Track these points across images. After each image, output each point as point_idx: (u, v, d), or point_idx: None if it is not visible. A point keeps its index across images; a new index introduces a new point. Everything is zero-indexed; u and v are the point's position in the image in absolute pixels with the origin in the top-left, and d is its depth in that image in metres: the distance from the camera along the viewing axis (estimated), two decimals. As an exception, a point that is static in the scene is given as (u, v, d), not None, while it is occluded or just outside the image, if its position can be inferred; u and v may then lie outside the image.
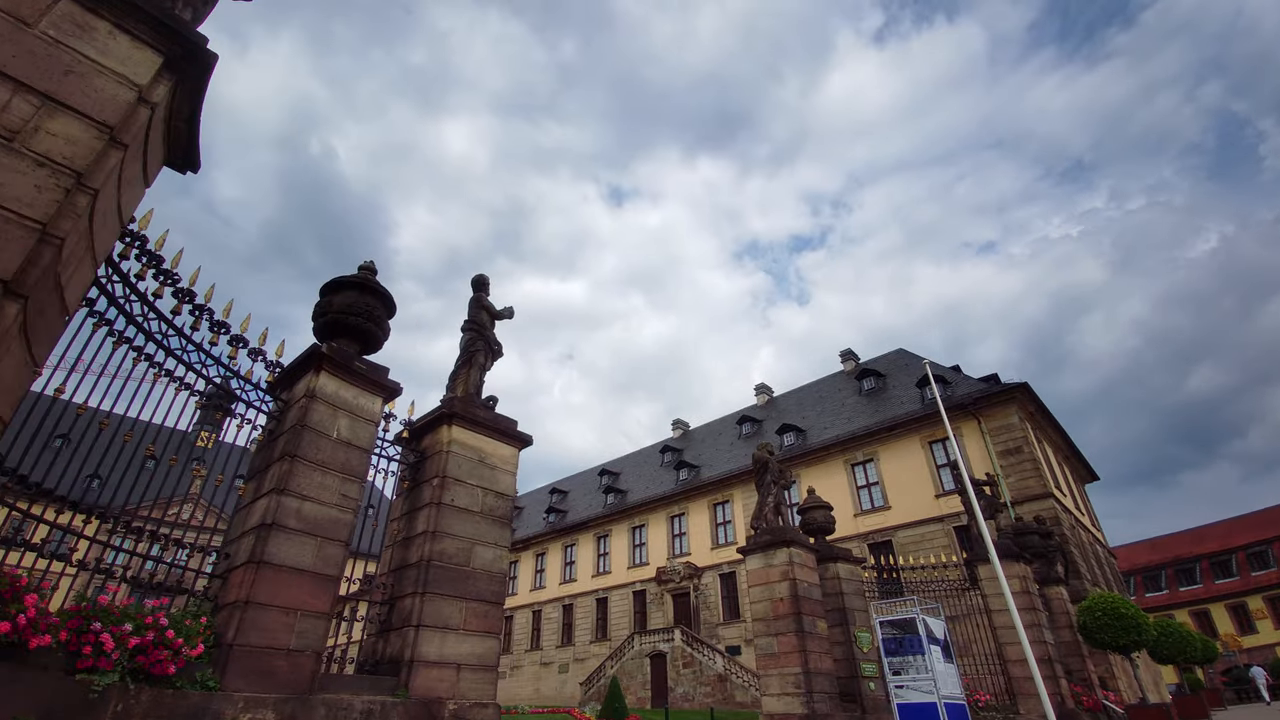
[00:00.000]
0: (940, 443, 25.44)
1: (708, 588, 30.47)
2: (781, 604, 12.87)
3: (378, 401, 7.29)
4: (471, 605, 7.30)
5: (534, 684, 36.24)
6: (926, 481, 25.07)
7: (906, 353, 33.47)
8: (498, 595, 7.64)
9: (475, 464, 8.10)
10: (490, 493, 8.11)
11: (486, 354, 9.43)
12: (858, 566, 15.20)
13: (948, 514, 23.97)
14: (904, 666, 10.81)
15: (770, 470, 14.76)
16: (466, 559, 7.48)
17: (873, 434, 27.13)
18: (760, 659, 12.81)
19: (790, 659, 12.35)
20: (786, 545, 13.30)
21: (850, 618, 14.19)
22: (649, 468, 40.88)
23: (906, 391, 29.06)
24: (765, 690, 12.47)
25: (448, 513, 7.53)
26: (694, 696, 25.93)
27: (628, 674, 28.68)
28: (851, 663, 13.76)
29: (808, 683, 11.99)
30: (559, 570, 38.71)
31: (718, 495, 32.02)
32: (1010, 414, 24.02)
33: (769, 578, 13.28)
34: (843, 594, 14.37)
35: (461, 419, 8.09)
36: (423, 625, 6.80)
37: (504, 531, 8.06)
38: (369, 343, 7.73)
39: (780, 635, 12.65)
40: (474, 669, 7.05)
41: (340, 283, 7.63)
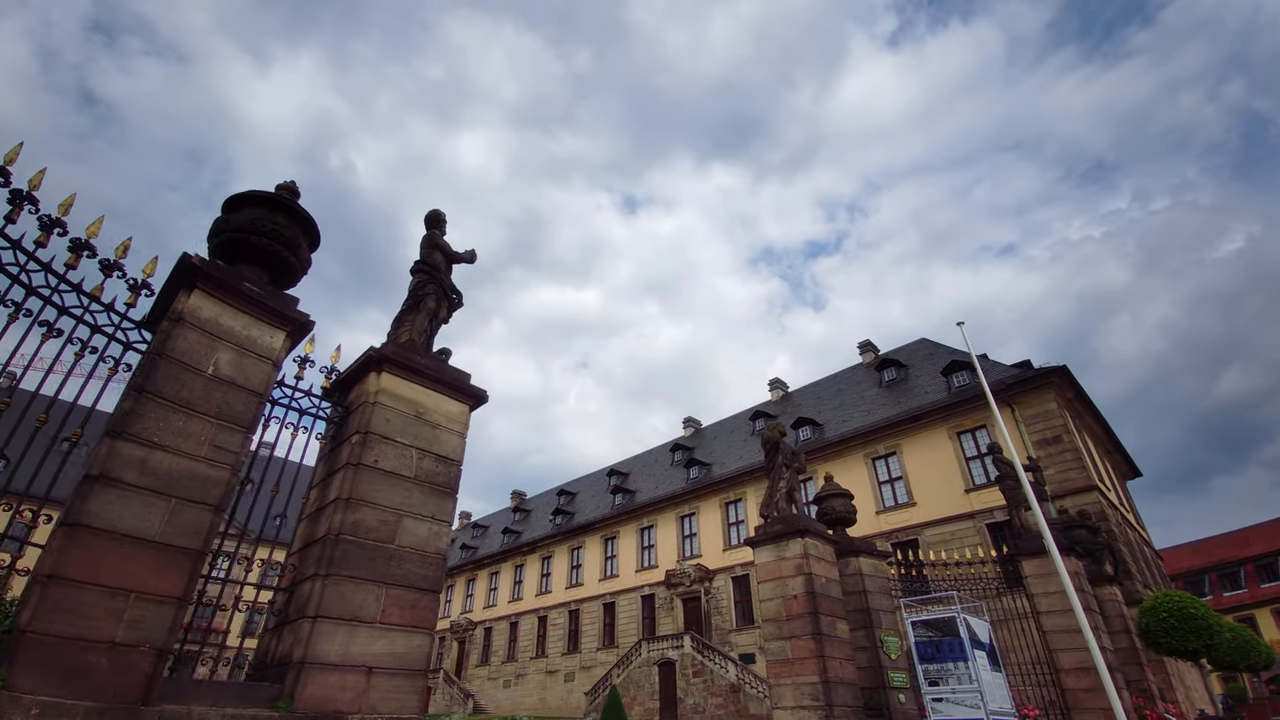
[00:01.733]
0: (970, 433, 23.50)
1: (719, 591, 28.66)
2: (795, 602, 11.17)
3: (278, 337, 5.81)
4: (394, 592, 5.76)
5: (539, 693, 34.58)
6: (955, 475, 23.11)
7: (930, 342, 31.51)
8: (432, 581, 6.09)
9: (410, 420, 6.58)
10: (429, 455, 6.58)
11: (440, 300, 7.94)
12: (883, 561, 13.44)
13: (979, 510, 22.01)
14: (943, 675, 9.07)
15: (782, 452, 13.08)
16: (390, 534, 5.95)
17: (895, 425, 25.24)
18: (771, 666, 11.10)
19: (806, 666, 10.63)
20: (801, 535, 11.60)
21: (875, 619, 12.42)
22: (659, 467, 39.18)
23: (931, 381, 27.13)
24: (778, 702, 10.76)
25: (368, 476, 6.02)
26: (705, 708, 24.12)
27: (635, 683, 26.94)
28: (877, 671, 11.99)
29: (827, 694, 10.27)
30: (565, 574, 37.09)
31: (730, 494, 30.24)
32: (1048, 400, 22.03)
33: (781, 572, 11.59)
34: (866, 592, 12.61)
35: (394, 365, 6.59)
36: (322, 616, 5.27)
37: (444, 503, 6.51)
38: (281, 273, 6.28)
39: (794, 638, 10.94)
40: (391, 674, 5.50)
41: (245, 198, 6.21)
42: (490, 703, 37.17)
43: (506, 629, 39.14)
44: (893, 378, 29.91)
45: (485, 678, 38.76)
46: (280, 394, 6.28)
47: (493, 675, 38.33)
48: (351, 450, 6.14)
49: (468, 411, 7.23)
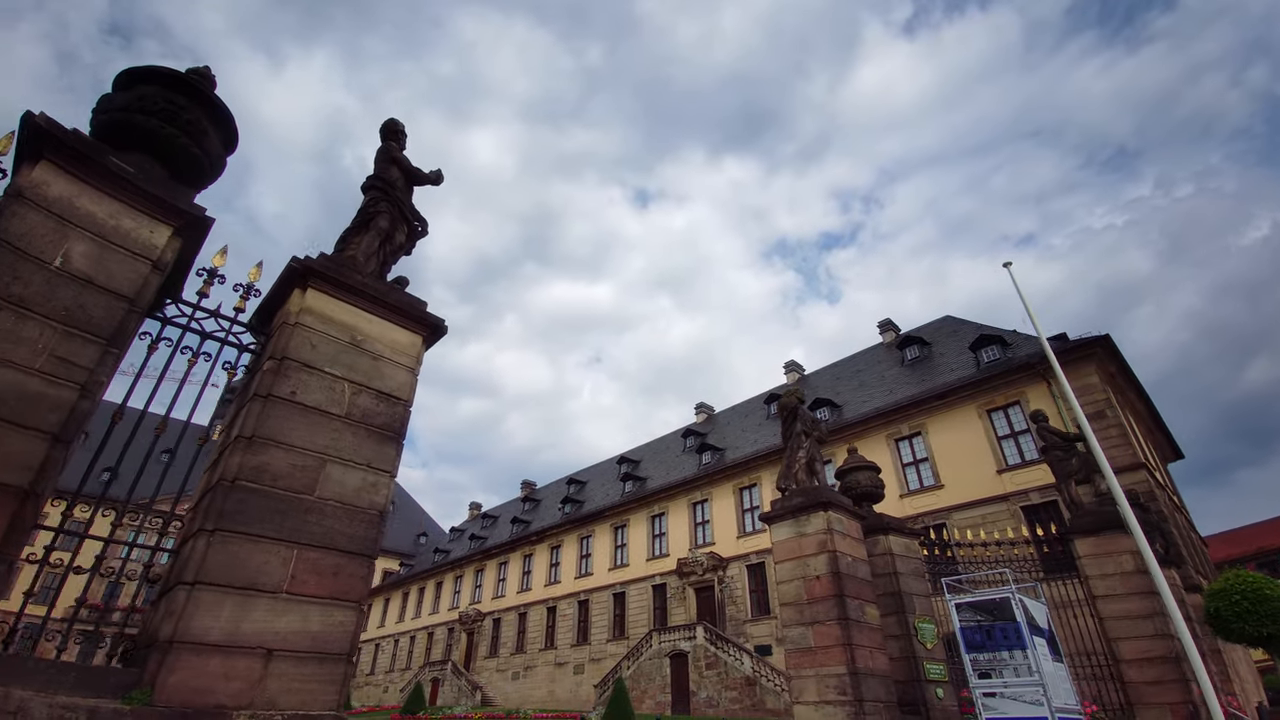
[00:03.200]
0: (1001, 411, 21.90)
1: (733, 580, 27.34)
2: (818, 584, 9.83)
3: (160, 232, 4.62)
4: (309, 555, 4.52)
5: (548, 685, 33.54)
6: (986, 455, 21.54)
7: (954, 319, 29.83)
8: (363, 543, 4.85)
9: (343, 348, 5.34)
10: (366, 391, 5.33)
11: (395, 222, 6.67)
12: (915, 540, 12.05)
13: (1014, 491, 20.45)
14: (995, 666, 7.69)
15: (801, 419, 11.72)
16: (309, 483, 4.71)
17: (919, 404, 23.70)
18: (791, 655, 9.78)
19: (831, 655, 9.30)
20: (824, 508, 10.25)
21: (908, 604, 11.05)
22: (670, 454, 37.88)
23: (957, 358, 25.51)
24: (798, 696, 9.44)
25: (282, 412, 4.79)
26: (719, 701, 22.86)
27: (645, 675, 25.74)
28: (911, 662, 10.63)
29: (855, 687, 8.93)
30: (575, 564, 35.98)
31: (744, 479, 28.87)
32: (1089, 373, 20.38)
33: (801, 550, 10.25)
34: (897, 574, 11.24)
35: (322, 280, 5.35)
36: (203, 583, 4.05)
37: (384, 449, 5.26)
38: (184, 166, 5.10)
39: (817, 624, 9.60)
40: (301, 658, 4.26)
41: (138, 73, 5.02)
42: (499, 695, 36.22)
43: (515, 620, 38.16)
44: (915, 356, 28.31)
45: (494, 669, 37.82)
46: (176, 312, 5.08)
47: (501, 667, 37.38)
48: (262, 380, 4.91)
49: (420, 344, 5.97)
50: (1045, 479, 19.97)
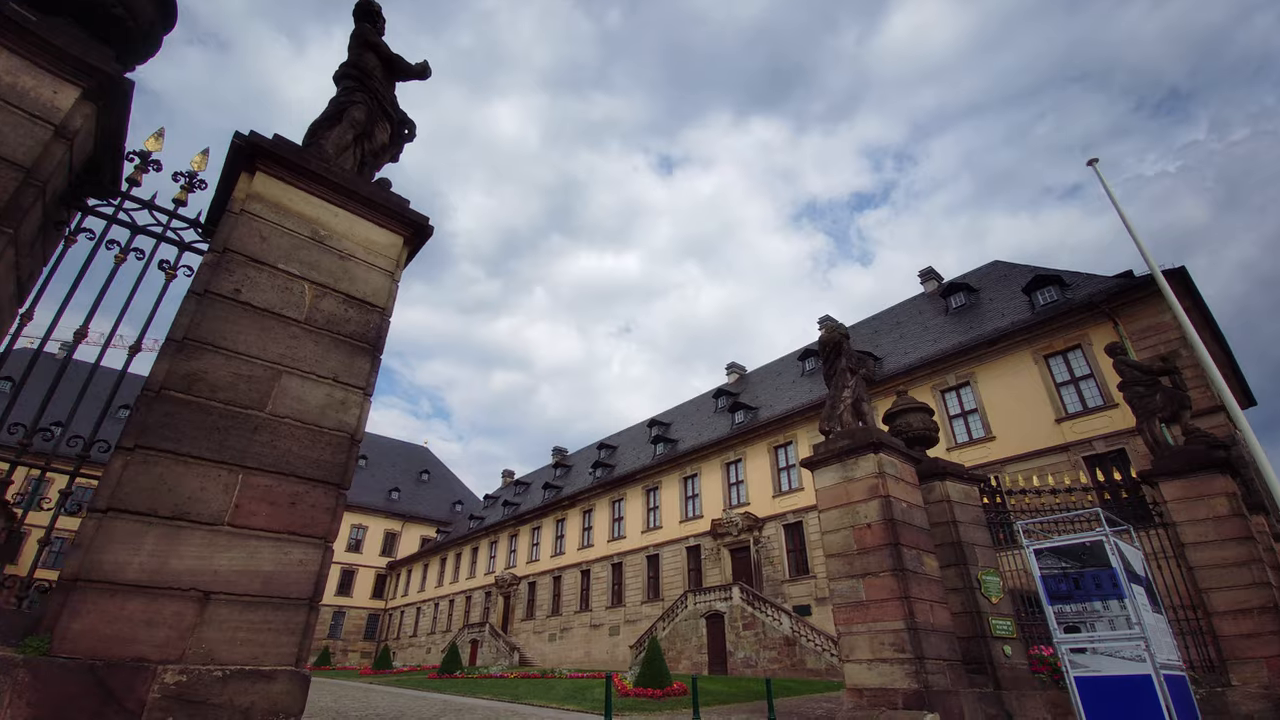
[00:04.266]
0: (1060, 356, 20.27)
1: (770, 540, 26.55)
2: (869, 532, 8.84)
3: (67, 94, 3.82)
4: (258, 481, 3.71)
5: (584, 646, 33.62)
6: (1043, 404, 20.04)
7: (1004, 264, 27.88)
8: (329, 469, 4.03)
9: (302, 243, 4.46)
10: (331, 295, 4.46)
11: (373, 116, 5.71)
12: (974, 487, 10.93)
13: (1075, 441, 18.98)
14: (1085, 619, 6.64)
15: (845, 354, 10.59)
16: (259, 397, 3.88)
17: (968, 352, 22.16)
18: (839, 610, 8.87)
19: (886, 609, 8.35)
20: (874, 450, 9.19)
21: (969, 555, 9.99)
22: (702, 415, 36.99)
23: (1009, 303, 23.77)
24: (849, 654, 8.55)
25: (224, 313, 3.94)
26: (757, 662, 22.29)
27: (681, 636, 25.34)
28: (974, 618, 9.62)
29: (915, 643, 7.98)
30: (607, 527, 35.70)
31: (779, 437, 27.83)
32: (1161, 311, 18.57)
33: (849, 496, 9.25)
34: (956, 523, 10.17)
35: (275, 163, 4.46)
36: (118, 510, 3.27)
37: (355, 362, 4.40)
38: (108, 32, 4.22)
39: (869, 576, 8.64)
40: (248, 603, 3.47)
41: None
42: (536, 656, 36.56)
43: (550, 583, 38.28)
44: (962, 304, 26.57)
45: (531, 631, 38.16)
46: (101, 203, 4.26)
47: (538, 629, 37.67)
48: (198, 275, 4.06)
49: (400, 246, 5.05)
50: (1111, 426, 18.50)
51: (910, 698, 7.72)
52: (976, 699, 8.37)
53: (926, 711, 7.53)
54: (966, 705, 8.07)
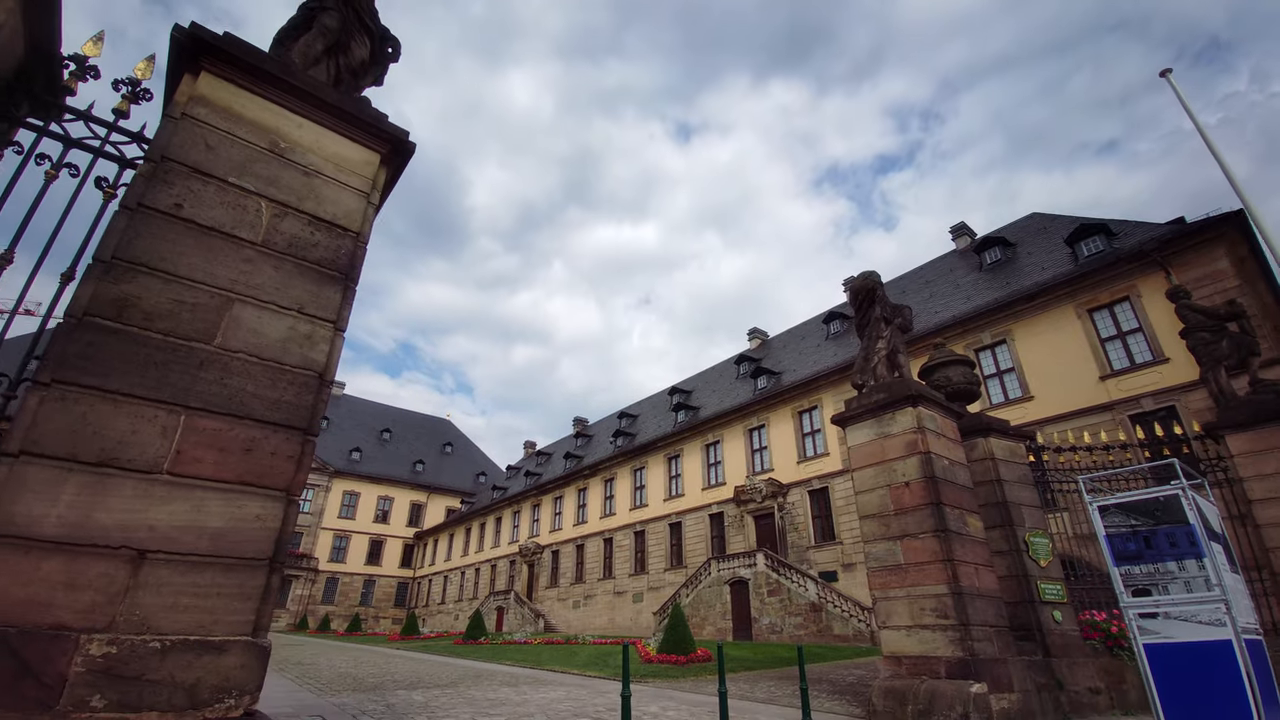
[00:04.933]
0: (1106, 309, 19.10)
1: (794, 507, 26.04)
2: (907, 491, 8.18)
3: None
4: (207, 424, 3.17)
5: (608, 613, 33.78)
6: (1086, 360, 18.97)
7: (1044, 215, 26.41)
8: (292, 412, 3.48)
9: (258, 155, 3.85)
10: (295, 215, 3.87)
11: (349, 28, 5.04)
12: (1021, 444, 10.17)
13: (1121, 399, 17.96)
14: (1157, 580, 5.95)
15: (880, 302, 9.79)
16: (204, 327, 3.32)
17: (1004, 309, 21.06)
18: (875, 575, 8.27)
19: (926, 573, 7.73)
20: (913, 404, 8.46)
21: (1016, 516, 9.28)
22: (724, 381, 36.33)
23: (1049, 255, 22.49)
24: (885, 620, 7.98)
25: (158, 229, 3.37)
26: (782, 628, 21.99)
27: (705, 603, 25.14)
28: (1021, 582, 8.96)
29: (959, 609, 7.36)
30: (629, 495, 35.53)
31: (803, 401, 27.09)
32: (1217, 258, 17.31)
33: (885, 454, 8.57)
34: (1001, 481, 9.44)
35: (222, 62, 3.84)
36: (31, 454, 2.73)
37: (323, 292, 3.83)
38: None
39: (907, 538, 8.01)
40: (193, 565, 2.95)
41: None
42: (561, 623, 36.91)
43: (573, 552, 38.45)
44: (997, 259, 25.29)
45: (555, 599, 38.51)
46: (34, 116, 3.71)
47: (562, 596, 37.98)
48: (133, 188, 3.47)
49: (376, 164, 4.42)
50: (1160, 382, 17.44)
51: (954, 666, 7.14)
52: (1025, 667, 7.76)
53: (973, 681, 6.95)
54: (1015, 674, 7.47)
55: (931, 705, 6.98)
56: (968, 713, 6.71)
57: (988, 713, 6.82)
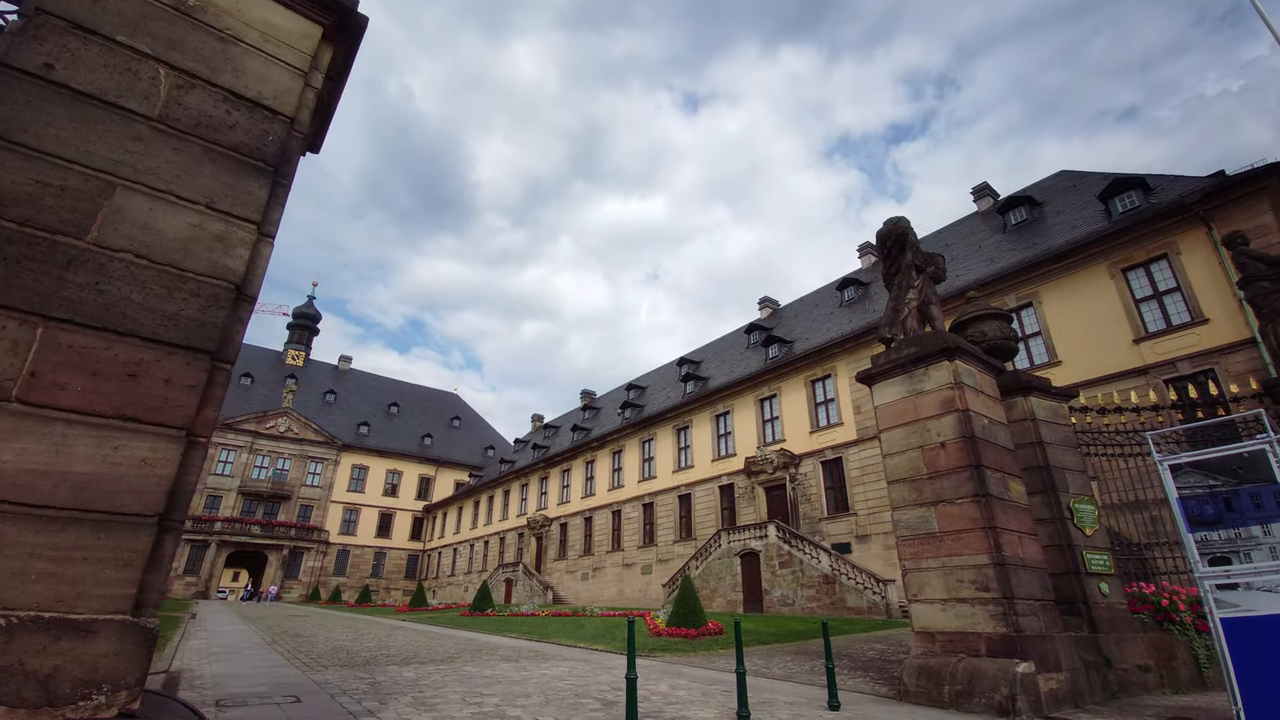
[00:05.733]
0: (1142, 268, 18.02)
1: (807, 478, 25.39)
2: (943, 452, 7.40)
3: None
4: (75, 341, 2.36)
5: (617, 585, 33.56)
6: (1119, 323, 17.97)
7: (1073, 173, 25.10)
8: (194, 332, 2.67)
9: (159, 12, 2.98)
10: (205, 88, 3.01)
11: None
12: (1063, 404, 9.34)
13: (1156, 363, 17.01)
14: (1239, 548, 5.18)
15: (910, 249, 8.91)
16: (77, 216, 2.51)
17: (1031, 270, 20.00)
18: (905, 544, 7.54)
19: (965, 542, 6.98)
20: (949, 357, 7.63)
21: (1059, 481, 8.49)
22: (733, 351, 35.49)
23: (1080, 213, 21.30)
24: (917, 593, 7.28)
25: (23, 93, 2.53)
26: (794, 600, 21.50)
27: (715, 575, 24.70)
28: (1065, 552, 8.21)
29: (1002, 580, 6.63)
30: (637, 467, 35.04)
31: (816, 370, 26.25)
32: (1261, 212, 16.16)
33: (918, 412, 7.77)
34: (1043, 444, 8.63)
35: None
36: None
37: (241, 184, 3.00)
38: None
39: (942, 504, 7.25)
40: (50, 522, 2.17)
41: None
42: (569, 594, 36.81)
43: (581, 524, 38.18)
44: (1023, 219, 24.09)
45: (563, 571, 38.38)
46: None
47: (570, 569, 37.83)
48: (-18, 38, 2.67)
49: (316, 38, 3.56)
50: (1198, 344, 16.47)
51: (997, 643, 6.44)
52: (1072, 644, 7.06)
53: (1018, 660, 6.25)
54: (1062, 651, 6.77)
55: (972, 686, 6.29)
56: (1014, 694, 6.02)
57: (1035, 695, 6.13)
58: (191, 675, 6.96)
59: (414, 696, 5.81)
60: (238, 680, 6.65)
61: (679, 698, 6.37)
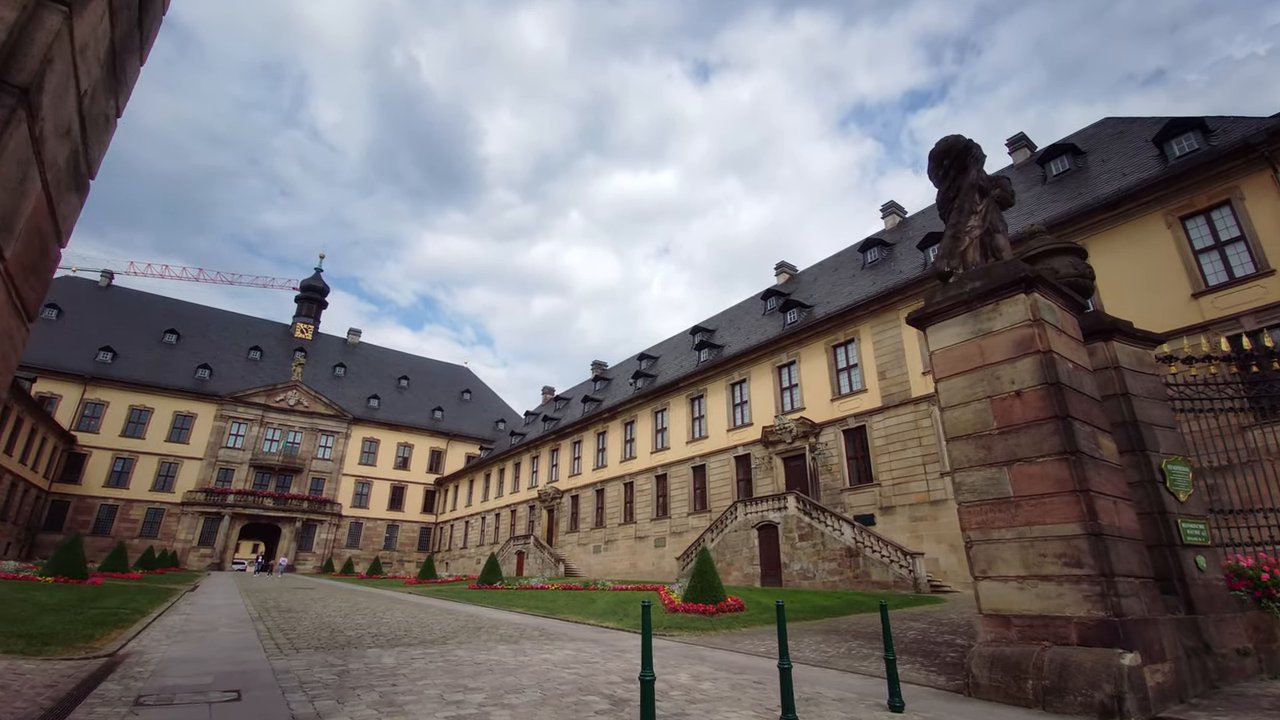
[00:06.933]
0: (1202, 215, 16.42)
1: (828, 447, 24.24)
2: (1019, 403, 6.17)
3: None
4: None
5: (630, 558, 32.87)
6: (1176, 276, 16.45)
7: (1119, 119, 23.23)
8: None
9: None
10: None
11: None
12: (1149, 351, 8.05)
13: (1216, 319, 15.54)
14: None
15: (974, 166, 7.59)
16: None
17: (1076, 221, 18.40)
18: (970, 511, 6.36)
19: (1050, 509, 5.77)
20: (1025, 289, 6.34)
21: (1148, 439, 7.26)
22: (749, 318, 34.14)
23: (1129, 160, 19.58)
24: (986, 569, 6.12)
25: None
26: (814, 574, 20.54)
27: (730, 548, 23.78)
28: (1155, 521, 7.01)
29: (1099, 555, 5.42)
30: (650, 438, 34.07)
31: (838, 335, 24.90)
32: (1343, 149, 14.50)
33: (985, 356, 6.52)
34: (1129, 396, 7.39)
35: None
36: None
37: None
38: None
39: (1019, 463, 6.04)
40: None
41: None
42: (581, 567, 36.26)
43: (593, 496, 37.44)
44: (1065, 169, 22.34)
45: (575, 544, 37.79)
46: None
47: (582, 541, 37.22)
48: None
49: None
50: (1264, 298, 15.00)
51: (1093, 630, 5.29)
52: (1175, 629, 5.91)
53: (1120, 650, 5.11)
54: (1166, 638, 5.62)
55: (1063, 681, 5.17)
56: (1120, 692, 4.89)
57: (1143, 691, 5.00)
58: (137, 660, 6.02)
59: (383, 692, 4.79)
60: (184, 668, 5.68)
61: (704, 693, 5.31)
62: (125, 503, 46.57)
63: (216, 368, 54.63)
